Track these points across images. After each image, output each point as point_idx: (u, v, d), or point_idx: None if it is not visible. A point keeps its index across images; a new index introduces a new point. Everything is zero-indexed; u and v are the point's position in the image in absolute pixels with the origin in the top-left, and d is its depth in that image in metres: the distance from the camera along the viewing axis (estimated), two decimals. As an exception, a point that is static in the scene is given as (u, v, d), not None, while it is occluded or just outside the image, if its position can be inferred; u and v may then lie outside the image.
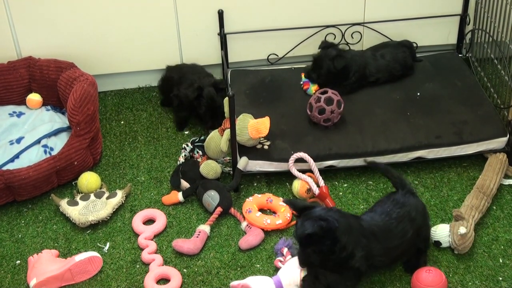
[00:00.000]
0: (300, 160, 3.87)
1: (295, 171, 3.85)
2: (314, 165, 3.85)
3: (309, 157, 3.85)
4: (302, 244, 3.04)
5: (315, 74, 4.29)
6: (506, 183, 3.86)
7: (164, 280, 3.43)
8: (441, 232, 3.49)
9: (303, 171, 3.87)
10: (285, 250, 3.46)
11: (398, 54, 4.39)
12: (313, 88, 4.28)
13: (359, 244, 3.09)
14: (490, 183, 3.75)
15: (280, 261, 3.42)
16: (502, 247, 3.53)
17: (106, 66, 4.58)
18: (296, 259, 3.28)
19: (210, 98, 4.17)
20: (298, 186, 3.82)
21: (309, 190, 3.80)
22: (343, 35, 4.60)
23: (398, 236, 3.22)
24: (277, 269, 3.40)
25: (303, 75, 4.36)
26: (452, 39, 4.73)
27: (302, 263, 3.13)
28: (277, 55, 4.66)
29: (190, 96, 4.23)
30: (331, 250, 3.02)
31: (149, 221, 3.76)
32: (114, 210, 3.78)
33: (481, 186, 3.73)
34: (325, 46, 4.30)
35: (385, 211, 3.27)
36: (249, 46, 4.61)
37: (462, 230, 3.41)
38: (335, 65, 4.19)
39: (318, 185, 3.84)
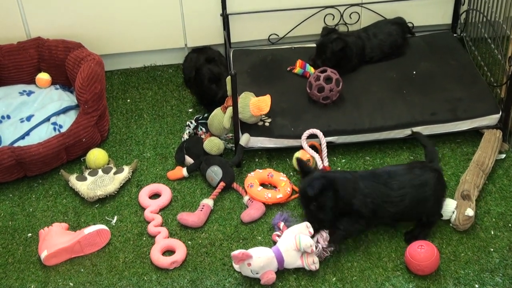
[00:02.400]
0: (300, 136, 3.90)
1: (306, 146, 3.88)
2: (324, 144, 3.89)
3: (322, 134, 3.89)
4: (311, 199, 3.31)
5: (319, 60, 4.28)
6: (498, 158, 3.89)
7: (169, 251, 3.48)
8: (447, 206, 3.52)
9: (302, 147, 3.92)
10: (282, 224, 3.51)
11: (390, 33, 4.41)
12: (312, 68, 4.29)
13: (356, 190, 3.32)
14: (489, 161, 3.78)
15: (278, 236, 3.47)
16: (493, 219, 3.58)
17: (113, 46, 4.59)
18: (290, 229, 3.39)
19: (208, 71, 4.16)
20: (298, 157, 3.81)
21: (309, 161, 3.81)
22: (341, 16, 4.60)
23: (396, 194, 3.35)
24: (275, 243, 3.43)
25: (298, 68, 4.33)
26: (447, 19, 4.72)
27: (312, 221, 3.36)
28: (278, 35, 4.67)
29: (189, 75, 4.26)
30: (333, 201, 3.29)
31: (155, 196, 3.80)
32: (121, 185, 3.81)
33: (481, 164, 3.75)
34: (327, 32, 4.31)
35: (392, 170, 3.44)
36: (251, 27, 4.62)
37: (470, 212, 3.45)
38: (333, 47, 4.20)
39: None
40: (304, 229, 3.37)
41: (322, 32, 4.36)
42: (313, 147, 3.91)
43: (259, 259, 3.25)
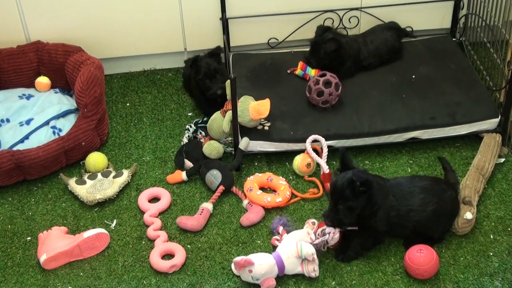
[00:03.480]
0: (302, 140, 3.91)
1: (310, 150, 3.87)
2: (325, 148, 3.88)
3: (323, 139, 3.88)
4: (343, 196, 3.22)
5: (313, 59, 4.29)
6: (497, 162, 3.89)
7: (168, 255, 3.48)
8: None
9: (302, 151, 3.92)
10: (281, 228, 3.51)
11: (386, 39, 4.41)
12: (312, 71, 4.29)
13: (385, 200, 3.30)
14: (488, 166, 3.78)
15: (277, 240, 3.47)
16: (493, 223, 3.58)
17: (112, 50, 4.59)
18: (291, 234, 3.41)
19: (206, 64, 4.17)
20: (299, 160, 3.85)
21: (309, 164, 3.84)
22: (340, 20, 4.60)
23: (418, 204, 3.34)
24: (275, 247, 3.44)
25: (298, 70, 4.34)
26: (446, 24, 4.72)
27: (332, 219, 3.30)
28: (277, 39, 4.67)
29: (187, 72, 4.28)
30: (363, 207, 3.25)
31: (154, 199, 3.80)
32: (121, 188, 3.81)
33: (481, 168, 3.75)
34: (322, 31, 4.30)
35: (416, 180, 3.42)
36: (250, 31, 4.62)
37: (469, 216, 3.45)
38: (326, 48, 4.20)
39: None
40: (305, 236, 3.37)
41: (317, 31, 4.36)
42: (314, 150, 3.91)
43: (261, 267, 3.25)
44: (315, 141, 3.92)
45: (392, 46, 4.43)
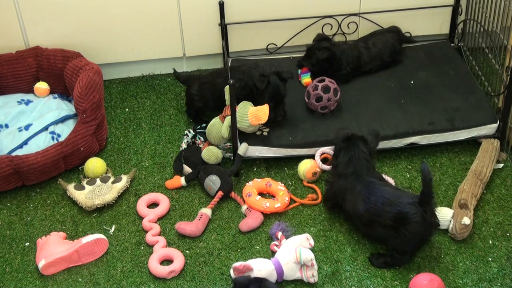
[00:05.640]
0: (301, 146, 3.93)
1: (318, 161, 3.88)
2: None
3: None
4: None
5: (305, 62, 4.34)
6: (496, 167, 3.90)
7: (167, 261, 3.48)
8: (444, 215, 3.52)
9: (307, 156, 3.93)
10: (280, 234, 3.51)
11: (387, 40, 4.43)
12: (305, 79, 4.34)
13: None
14: (486, 171, 3.79)
15: (276, 245, 3.48)
16: (491, 229, 3.58)
17: (111, 55, 4.59)
18: (290, 240, 3.41)
19: (276, 86, 3.96)
20: (307, 166, 3.85)
21: (315, 173, 3.84)
22: (339, 26, 4.61)
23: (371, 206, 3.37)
24: (274, 252, 3.45)
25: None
26: (445, 29, 4.74)
27: None
28: (276, 45, 4.68)
29: (260, 86, 3.95)
30: None
31: (153, 205, 3.80)
32: (119, 194, 3.81)
33: (478, 173, 3.76)
34: (320, 39, 4.34)
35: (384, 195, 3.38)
36: (249, 36, 4.63)
37: (467, 221, 3.46)
38: (318, 55, 4.24)
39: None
40: (304, 241, 3.37)
41: (315, 38, 4.40)
42: (324, 159, 3.93)
43: (260, 272, 3.26)
44: (319, 145, 3.94)
45: (394, 47, 4.44)
